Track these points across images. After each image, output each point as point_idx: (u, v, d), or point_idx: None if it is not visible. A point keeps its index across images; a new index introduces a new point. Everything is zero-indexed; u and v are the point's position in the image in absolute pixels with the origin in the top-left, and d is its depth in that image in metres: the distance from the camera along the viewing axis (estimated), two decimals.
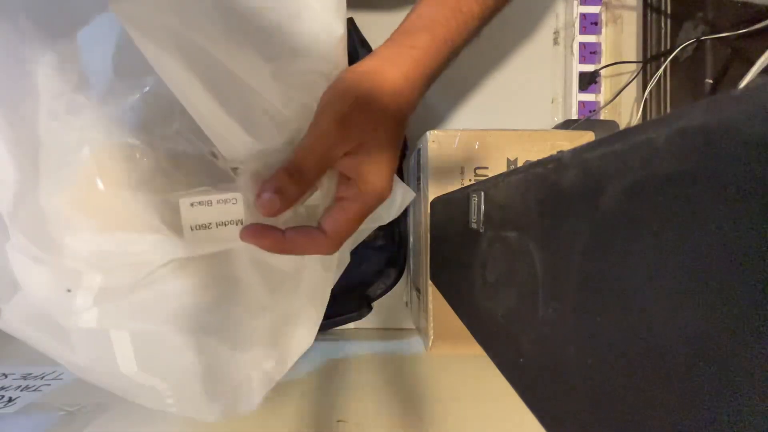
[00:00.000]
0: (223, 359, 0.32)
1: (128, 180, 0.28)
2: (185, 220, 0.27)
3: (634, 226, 0.11)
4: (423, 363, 0.48)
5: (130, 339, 0.29)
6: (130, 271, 0.28)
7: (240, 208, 0.28)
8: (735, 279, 0.08)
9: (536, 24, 0.62)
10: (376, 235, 0.56)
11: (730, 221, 0.08)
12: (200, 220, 0.28)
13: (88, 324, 0.28)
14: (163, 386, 0.31)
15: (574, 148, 0.14)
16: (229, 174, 0.30)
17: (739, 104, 0.08)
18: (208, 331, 0.31)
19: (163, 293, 0.29)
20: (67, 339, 0.29)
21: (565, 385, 0.14)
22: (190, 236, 0.27)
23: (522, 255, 0.18)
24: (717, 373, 0.08)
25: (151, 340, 0.29)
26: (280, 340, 0.33)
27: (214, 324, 0.31)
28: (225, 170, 0.30)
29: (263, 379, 0.33)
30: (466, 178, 0.45)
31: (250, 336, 0.32)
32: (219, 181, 0.30)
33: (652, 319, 0.10)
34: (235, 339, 0.32)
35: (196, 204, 0.27)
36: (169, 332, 0.29)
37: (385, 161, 0.29)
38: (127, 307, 0.28)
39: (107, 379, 0.31)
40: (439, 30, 0.31)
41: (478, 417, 0.37)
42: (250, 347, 0.32)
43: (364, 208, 0.29)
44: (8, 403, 0.37)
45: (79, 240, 0.27)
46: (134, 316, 0.29)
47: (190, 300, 0.30)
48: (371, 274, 0.56)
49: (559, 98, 0.62)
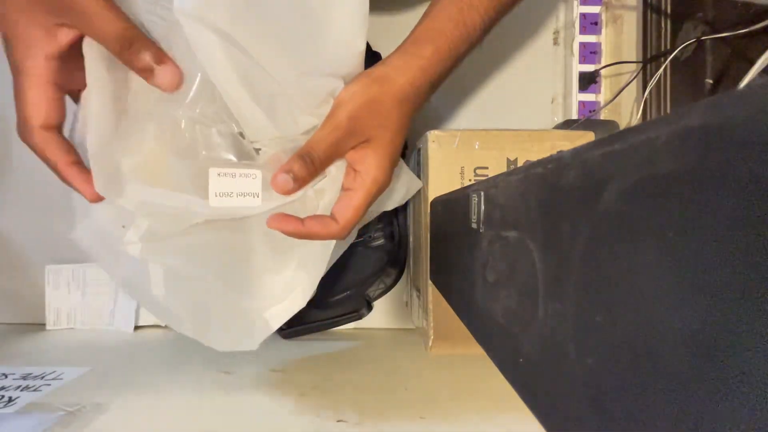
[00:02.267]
0: (233, 302, 0.38)
1: (175, 148, 0.34)
2: (212, 186, 0.33)
3: (634, 226, 0.11)
4: (423, 363, 0.48)
5: (162, 270, 0.36)
6: (169, 221, 0.35)
7: (258, 183, 0.34)
8: (735, 279, 0.08)
9: (536, 24, 0.62)
10: (377, 235, 0.56)
11: (731, 221, 0.08)
12: (224, 188, 0.33)
13: (134, 253, 0.36)
14: (181, 312, 0.38)
15: (574, 148, 0.14)
16: (253, 153, 0.36)
17: (739, 104, 0.08)
18: (224, 279, 0.37)
19: (192, 242, 0.36)
20: (117, 259, 0.36)
21: (565, 385, 0.14)
22: (214, 201, 0.33)
23: (522, 255, 0.18)
24: (717, 373, 0.08)
25: (178, 275, 0.37)
26: (279, 297, 0.39)
27: (229, 274, 0.38)
28: (249, 150, 0.36)
29: (264, 326, 0.39)
30: (466, 178, 0.45)
31: (256, 289, 0.38)
32: (244, 158, 0.35)
33: (652, 319, 0.10)
34: (243, 289, 0.38)
35: (223, 174, 0.33)
36: (194, 272, 0.37)
37: (387, 156, 0.34)
38: (163, 247, 0.36)
39: (140, 295, 0.39)
40: (444, 41, 0.34)
41: (477, 417, 0.37)
42: (255, 298, 0.38)
43: (367, 197, 0.34)
44: (8, 403, 0.37)
45: (135, 190, 0.33)
46: (167, 254, 0.36)
47: (212, 252, 0.37)
48: (371, 274, 0.56)
49: (559, 98, 0.62)
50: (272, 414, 0.37)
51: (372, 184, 0.33)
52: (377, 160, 0.33)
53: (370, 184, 0.33)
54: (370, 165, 0.33)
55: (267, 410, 0.37)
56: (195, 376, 0.44)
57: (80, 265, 0.61)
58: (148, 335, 0.58)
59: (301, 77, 0.32)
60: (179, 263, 0.36)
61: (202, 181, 0.33)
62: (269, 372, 0.45)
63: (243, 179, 0.33)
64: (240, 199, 0.33)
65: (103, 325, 0.59)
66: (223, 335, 0.38)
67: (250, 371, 0.45)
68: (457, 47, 0.35)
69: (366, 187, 0.33)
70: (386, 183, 0.34)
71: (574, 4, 0.59)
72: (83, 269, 0.61)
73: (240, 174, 0.33)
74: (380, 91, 0.32)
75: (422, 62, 0.33)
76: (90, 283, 0.60)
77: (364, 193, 0.33)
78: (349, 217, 0.33)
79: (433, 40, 0.34)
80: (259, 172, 0.34)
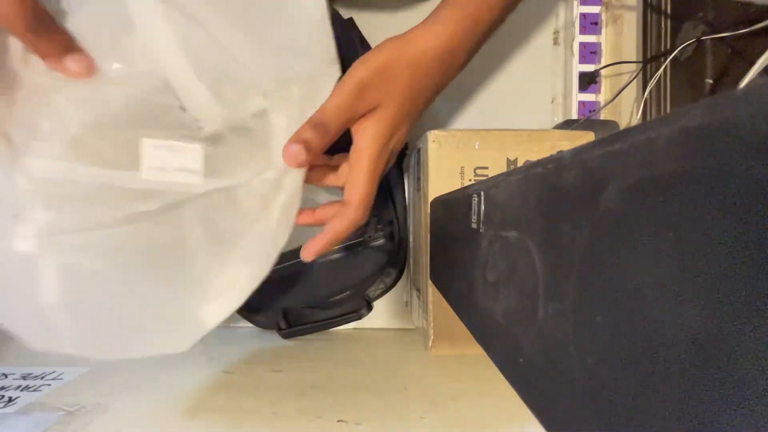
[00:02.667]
0: (158, 302, 0.33)
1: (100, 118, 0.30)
2: (145, 159, 0.30)
3: (634, 226, 0.11)
4: (423, 363, 0.48)
5: (59, 270, 0.29)
6: (81, 209, 0.30)
7: (199, 159, 0.31)
8: (735, 279, 0.08)
9: (536, 24, 0.62)
10: (377, 235, 0.56)
11: (731, 222, 0.08)
12: (159, 162, 0.30)
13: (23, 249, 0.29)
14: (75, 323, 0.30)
15: (574, 148, 0.14)
16: (195, 127, 0.32)
17: (739, 104, 0.08)
18: (147, 277, 0.32)
19: (108, 235, 0.30)
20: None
21: (565, 385, 0.14)
22: (146, 173, 0.30)
23: (522, 255, 0.18)
24: (717, 372, 0.08)
25: (82, 274, 0.30)
26: (215, 294, 0.35)
27: (154, 270, 0.33)
28: (191, 124, 0.32)
29: (197, 326, 0.34)
30: (466, 178, 0.45)
31: (187, 286, 0.34)
32: (184, 132, 0.32)
33: (653, 319, 0.10)
34: (172, 286, 0.33)
35: (158, 147, 0.30)
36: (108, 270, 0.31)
37: (388, 127, 0.34)
38: (68, 242, 0.29)
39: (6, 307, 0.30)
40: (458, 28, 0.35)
41: (478, 417, 0.37)
42: (187, 297, 0.34)
43: (372, 159, 0.34)
44: (8, 403, 0.37)
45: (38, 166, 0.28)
46: (72, 251, 0.30)
47: (132, 246, 0.31)
48: (371, 274, 0.56)
49: (559, 98, 0.62)
50: (272, 414, 0.37)
51: (367, 160, 0.34)
52: (382, 124, 0.34)
53: (366, 159, 0.34)
54: (367, 137, 0.34)
55: (267, 410, 0.37)
56: (195, 376, 0.44)
57: None
58: None
59: (260, 55, 0.30)
60: (88, 261, 0.30)
61: (129, 156, 0.30)
62: (269, 372, 0.45)
63: (182, 154, 0.31)
64: (177, 174, 0.30)
65: None
66: (142, 339, 0.33)
67: (250, 371, 0.45)
68: (478, 20, 0.36)
69: (368, 150, 0.34)
70: (384, 154, 0.35)
71: (574, 4, 0.59)
72: None
73: (178, 148, 0.30)
74: (390, 58, 0.33)
75: (437, 27, 0.34)
76: None
77: (368, 156, 0.34)
78: (360, 191, 0.34)
79: (453, 13, 0.35)
80: (200, 147, 0.31)
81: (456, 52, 0.36)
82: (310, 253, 0.35)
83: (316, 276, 0.55)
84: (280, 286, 0.55)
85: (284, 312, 0.56)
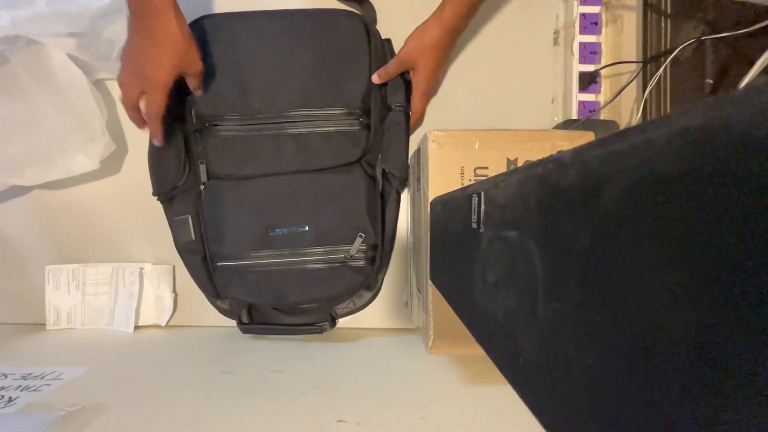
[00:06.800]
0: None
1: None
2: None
3: (634, 226, 0.11)
4: (423, 363, 0.48)
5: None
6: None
7: None
8: (735, 279, 0.08)
9: (536, 24, 0.62)
10: (358, 256, 0.56)
11: (731, 222, 0.08)
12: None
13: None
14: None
15: (574, 148, 0.14)
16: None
17: (739, 105, 0.08)
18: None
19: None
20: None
21: (565, 385, 0.14)
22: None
23: (522, 255, 0.18)
24: (717, 373, 0.08)
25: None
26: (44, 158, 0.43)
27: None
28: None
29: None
30: (466, 178, 0.45)
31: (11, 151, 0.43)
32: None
33: (652, 319, 0.10)
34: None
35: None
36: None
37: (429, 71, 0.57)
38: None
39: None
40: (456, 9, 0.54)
41: (477, 417, 0.37)
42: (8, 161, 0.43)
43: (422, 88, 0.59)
44: (8, 403, 0.37)
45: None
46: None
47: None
48: (344, 292, 0.56)
49: (559, 98, 0.62)
50: (272, 414, 0.37)
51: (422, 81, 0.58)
52: (422, 75, 0.58)
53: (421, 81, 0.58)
54: (418, 77, 0.58)
55: (267, 410, 0.37)
56: (195, 376, 0.44)
57: (80, 265, 0.61)
58: (148, 335, 0.58)
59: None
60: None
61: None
62: (269, 372, 0.45)
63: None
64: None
65: (103, 325, 0.59)
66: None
67: (250, 371, 0.45)
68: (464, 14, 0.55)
69: (419, 84, 0.59)
70: (434, 82, 0.60)
71: (574, 4, 0.59)
72: (83, 269, 0.61)
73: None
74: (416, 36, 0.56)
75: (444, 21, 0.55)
76: (90, 283, 0.60)
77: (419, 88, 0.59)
78: (417, 107, 0.60)
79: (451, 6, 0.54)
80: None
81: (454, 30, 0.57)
82: (379, 77, 0.59)
83: (291, 281, 0.56)
84: (254, 281, 0.55)
85: (249, 307, 0.56)
